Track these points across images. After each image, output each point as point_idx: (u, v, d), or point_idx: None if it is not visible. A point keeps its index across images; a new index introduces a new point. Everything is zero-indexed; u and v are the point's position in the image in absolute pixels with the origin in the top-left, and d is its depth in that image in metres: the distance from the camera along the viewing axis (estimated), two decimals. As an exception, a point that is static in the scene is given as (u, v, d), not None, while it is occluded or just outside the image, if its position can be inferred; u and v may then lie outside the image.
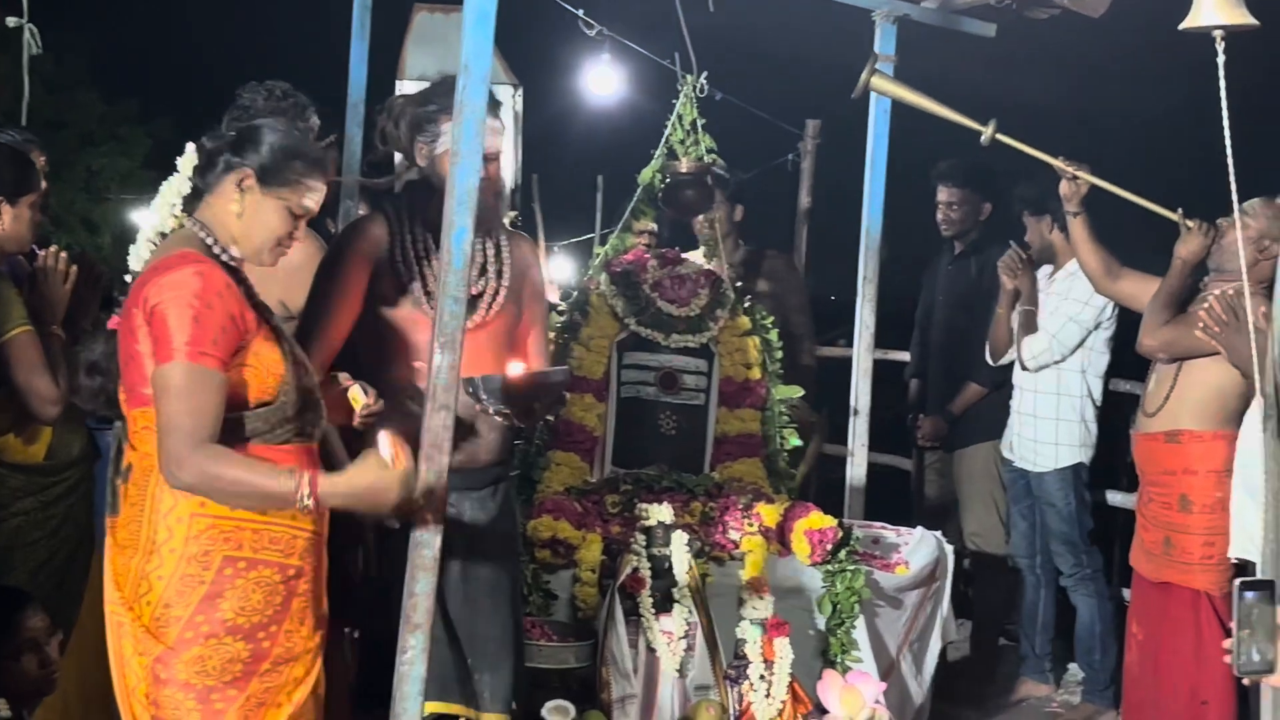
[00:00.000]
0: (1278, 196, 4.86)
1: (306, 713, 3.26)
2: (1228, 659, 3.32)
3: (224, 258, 3.23)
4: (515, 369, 3.93)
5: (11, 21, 4.89)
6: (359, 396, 3.63)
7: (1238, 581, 3.26)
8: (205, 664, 3.09)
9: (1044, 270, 6.16)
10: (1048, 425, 6.07)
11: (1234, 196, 3.63)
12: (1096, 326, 5.96)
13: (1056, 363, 6.03)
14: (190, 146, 3.31)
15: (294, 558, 3.22)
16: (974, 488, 6.67)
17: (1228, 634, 4.82)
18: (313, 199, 3.34)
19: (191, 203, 3.31)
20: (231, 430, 3.12)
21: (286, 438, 3.25)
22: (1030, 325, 6.09)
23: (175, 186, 3.31)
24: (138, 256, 3.35)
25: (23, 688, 3.80)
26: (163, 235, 3.36)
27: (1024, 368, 6.11)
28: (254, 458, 3.13)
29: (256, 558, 3.15)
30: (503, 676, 4.12)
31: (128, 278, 3.32)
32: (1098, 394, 6.03)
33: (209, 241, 3.22)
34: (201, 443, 3.02)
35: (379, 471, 3.22)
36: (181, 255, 3.13)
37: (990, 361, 6.47)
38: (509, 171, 4.08)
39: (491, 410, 3.97)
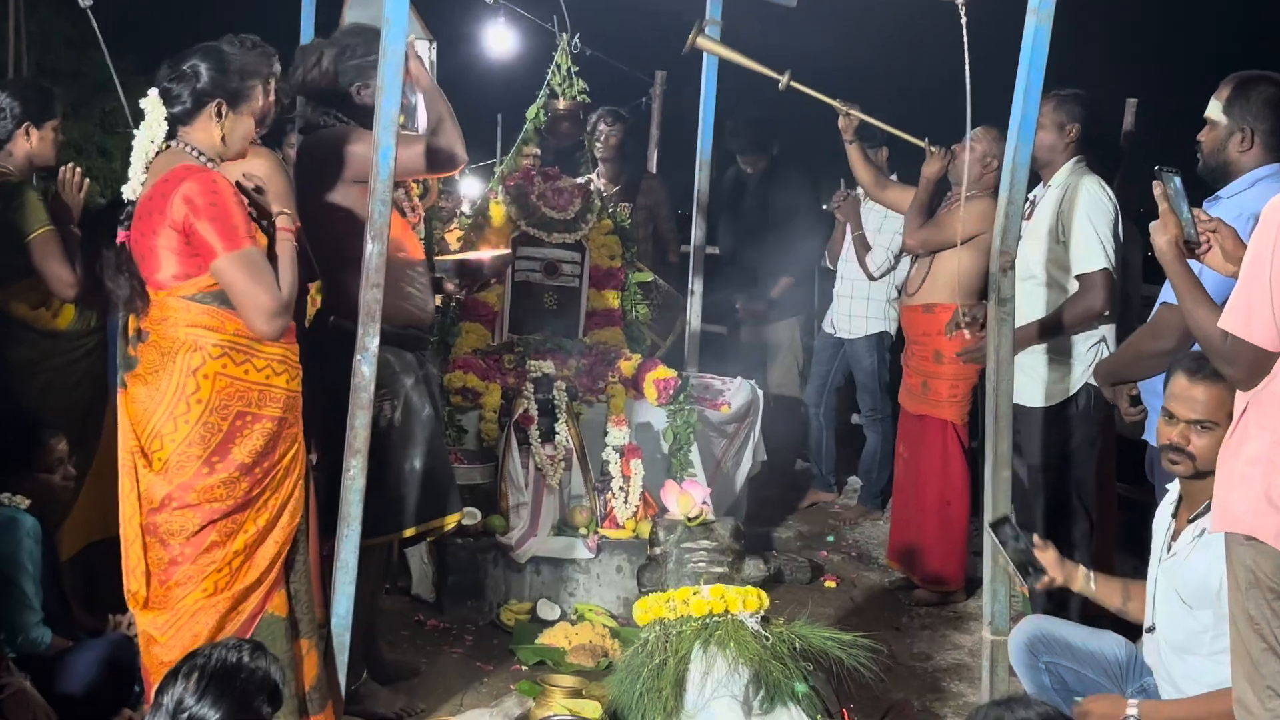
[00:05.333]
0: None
1: (289, 516, 3.13)
2: None
3: (212, 167, 3.06)
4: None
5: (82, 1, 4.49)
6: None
7: None
8: (213, 491, 2.99)
9: (859, 193, 5.76)
10: (860, 303, 5.95)
11: (968, 125, 3.42)
12: None
13: (893, 268, 5.80)
14: (153, 92, 3.05)
15: (287, 411, 3.12)
16: (780, 351, 6.67)
17: (966, 454, 4.96)
18: (265, 99, 3.17)
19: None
20: None
21: None
22: (864, 245, 5.81)
23: (152, 128, 3.04)
24: (134, 182, 3.06)
25: (49, 497, 3.73)
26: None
27: (871, 278, 5.83)
28: None
29: (261, 413, 3.05)
30: (455, 486, 3.97)
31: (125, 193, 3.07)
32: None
33: (200, 157, 3.06)
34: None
35: None
36: (185, 168, 2.97)
37: (829, 267, 6.27)
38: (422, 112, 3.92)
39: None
